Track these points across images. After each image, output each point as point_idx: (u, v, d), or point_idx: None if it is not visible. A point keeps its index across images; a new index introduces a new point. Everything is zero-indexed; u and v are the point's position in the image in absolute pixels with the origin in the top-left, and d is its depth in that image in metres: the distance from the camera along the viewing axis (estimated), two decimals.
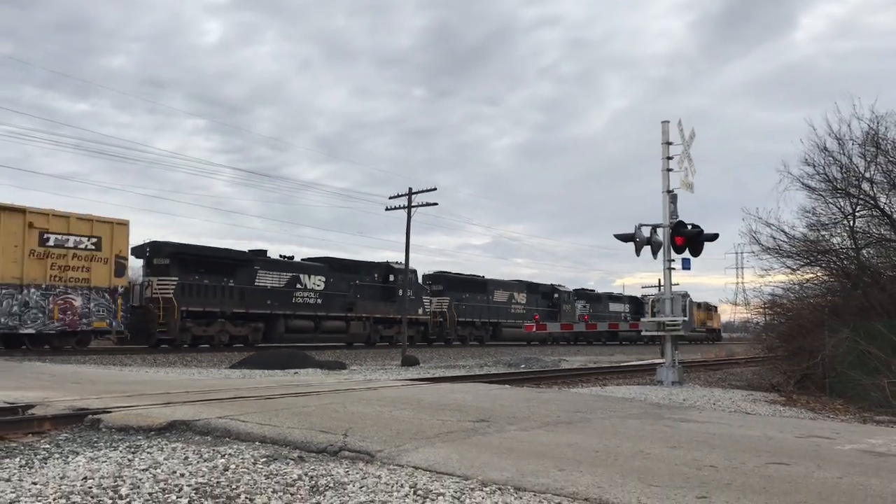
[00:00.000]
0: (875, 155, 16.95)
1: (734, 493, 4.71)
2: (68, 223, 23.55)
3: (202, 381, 12.79)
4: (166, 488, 4.70)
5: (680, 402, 12.41)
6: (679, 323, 16.11)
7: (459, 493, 4.66)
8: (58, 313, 23.19)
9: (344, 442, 6.23)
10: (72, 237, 23.56)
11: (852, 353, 14.25)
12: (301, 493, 4.66)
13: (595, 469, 5.40)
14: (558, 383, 17.93)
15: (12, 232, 21.93)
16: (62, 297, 23.32)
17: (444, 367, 23.82)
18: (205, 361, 23.24)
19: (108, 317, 24.77)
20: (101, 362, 20.73)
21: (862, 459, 6.23)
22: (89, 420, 7.33)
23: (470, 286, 45.03)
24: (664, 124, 16.63)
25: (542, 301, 50.99)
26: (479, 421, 7.78)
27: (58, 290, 23.21)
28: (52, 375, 13.13)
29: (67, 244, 23.40)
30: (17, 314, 22.13)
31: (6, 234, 21.84)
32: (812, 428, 8.52)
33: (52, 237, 23.08)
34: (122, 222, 25.30)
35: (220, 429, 6.91)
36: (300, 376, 15.97)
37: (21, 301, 22.20)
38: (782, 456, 6.21)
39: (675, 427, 7.98)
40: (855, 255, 17.70)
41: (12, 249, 21.95)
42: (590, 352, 44.03)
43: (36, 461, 5.51)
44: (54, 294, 23.12)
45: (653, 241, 16.21)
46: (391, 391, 10.96)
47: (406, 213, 28.16)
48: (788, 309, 19.99)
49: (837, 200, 18.04)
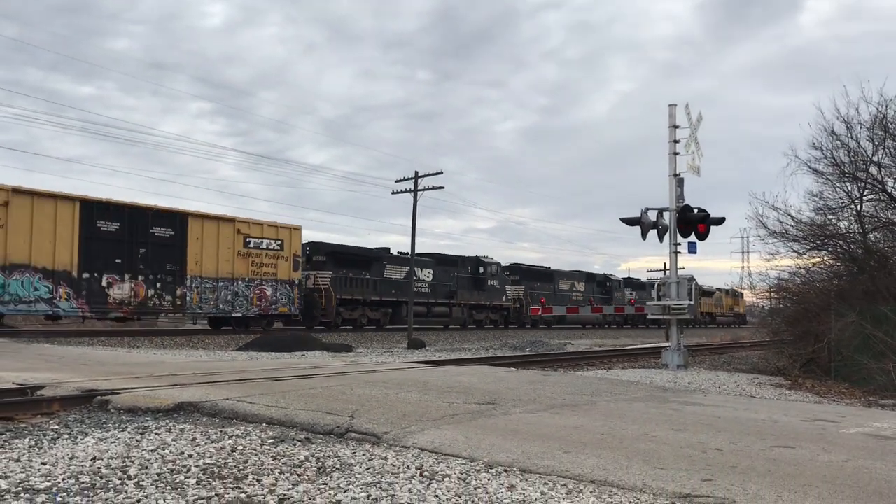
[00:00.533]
0: (883, 139, 16.85)
1: (739, 476, 4.73)
2: (262, 229, 29.28)
3: (209, 363, 12.86)
4: (174, 469, 4.73)
5: (685, 385, 12.44)
6: (685, 307, 16.10)
7: (465, 475, 4.69)
8: (255, 301, 28.94)
9: (350, 424, 6.26)
10: (264, 240, 29.30)
11: (858, 337, 14.25)
12: (308, 474, 4.70)
13: (600, 451, 5.42)
14: (563, 366, 17.97)
15: (227, 237, 27.77)
16: (258, 287, 29.09)
17: (450, 350, 23.90)
18: (212, 344, 23.35)
19: (289, 303, 30.48)
20: (109, 344, 20.85)
21: (867, 443, 6.24)
22: (98, 401, 7.38)
23: (540, 276, 50.60)
24: (671, 108, 16.54)
25: (597, 289, 56.71)
26: (485, 403, 7.81)
27: (256, 283, 28.92)
28: (60, 357, 13.21)
29: (261, 246, 29.18)
30: (230, 301, 28.06)
31: (224, 239, 27.63)
32: (817, 411, 8.53)
33: (252, 241, 28.72)
34: (296, 227, 30.90)
35: (228, 410, 6.96)
36: (307, 358, 16.04)
37: (233, 291, 28.14)
38: (787, 439, 6.23)
39: (681, 410, 8.00)
40: (862, 239, 17.64)
41: (227, 251, 27.82)
42: (595, 335, 44.11)
43: (45, 441, 5.56)
44: (254, 286, 28.82)
45: (659, 224, 16.17)
46: (397, 374, 11.01)
47: (412, 196, 28.16)
48: (794, 293, 19.97)
49: (845, 184, 17.98)
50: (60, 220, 22.74)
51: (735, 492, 4.33)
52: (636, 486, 4.45)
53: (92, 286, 23.73)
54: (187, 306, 26.69)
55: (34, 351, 15.04)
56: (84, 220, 23.01)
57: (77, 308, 23.54)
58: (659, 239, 16.40)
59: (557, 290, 50.93)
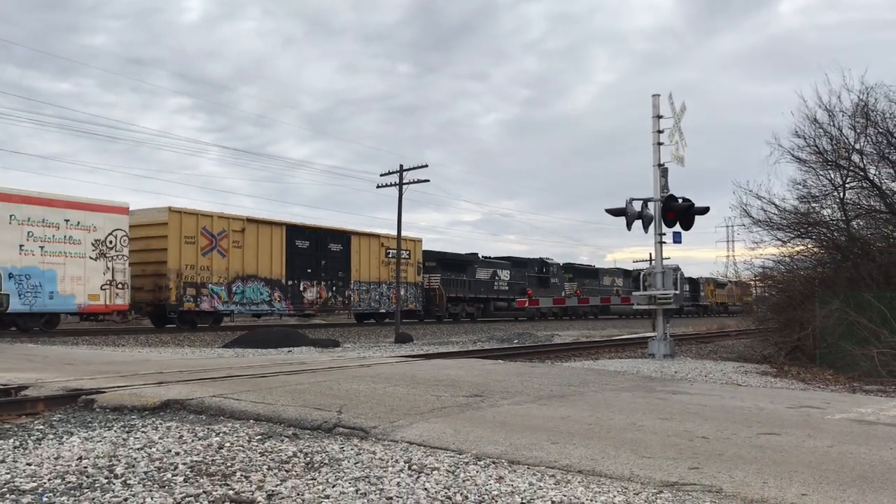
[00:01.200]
0: (865, 126, 16.96)
1: (726, 464, 4.76)
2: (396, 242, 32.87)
3: (195, 361, 12.80)
4: (162, 467, 4.71)
5: (672, 374, 12.50)
6: (670, 296, 16.17)
7: (454, 468, 4.69)
8: (394, 299, 33.46)
9: (338, 419, 6.25)
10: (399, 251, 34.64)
11: (842, 324, 14.36)
12: (296, 469, 4.69)
13: (588, 441, 5.44)
14: (551, 358, 18.02)
15: (374, 250, 35.18)
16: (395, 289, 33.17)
17: (438, 344, 23.91)
18: (197, 341, 23.23)
19: (415, 301, 37.75)
20: (93, 343, 20.71)
21: (852, 428, 6.30)
22: (83, 400, 7.34)
23: (588, 273, 57.84)
24: (654, 98, 16.58)
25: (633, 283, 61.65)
26: (473, 396, 7.82)
27: (392, 285, 34.29)
28: (44, 357, 13.11)
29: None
30: (377, 300, 35.46)
31: (372, 251, 35.06)
32: (803, 398, 8.61)
33: (390, 251, 34.83)
34: (419, 240, 38.23)
35: (215, 407, 6.93)
36: (294, 354, 15.99)
37: (379, 292, 35.42)
38: (773, 426, 6.28)
39: (667, 399, 8.04)
40: (845, 226, 17.77)
41: (375, 260, 35.14)
42: (582, 326, 44.27)
43: (30, 442, 5.51)
44: (392, 287, 34.38)
45: (644, 215, 16.22)
46: (385, 368, 11.00)
47: (398, 190, 28.08)
48: (779, 281, 20.10)
49: (828, 172, 18.08)
50: (274, 240, 29.76)
51: (722, 479, 4.36)
52: (624, 476, 4.47)
53: (294, 290, 30.68)
54: (351, 304, 34.02)
55: (18, 351, 14.91)
56: (288, 240, 29.50)
57: (285, 307, 30.62)
58: (644, 229, 16.46)
59: (601, 285, 58.73)
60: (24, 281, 21.42)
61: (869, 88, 16.72)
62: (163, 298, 25.84)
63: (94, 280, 23.12)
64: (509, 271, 46.79)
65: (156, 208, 26.45)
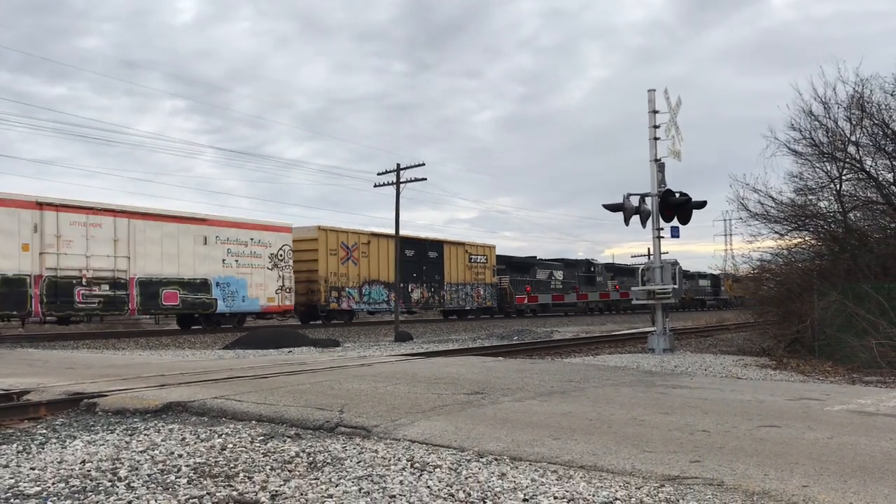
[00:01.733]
0: (860, 118, 16.98)
1: (727, 457, 4.78)
2: (477, 248, 43.04)
3: (196, 363, 12.81)
4: (165, 469, 4.73)
5: (671, 368, 12.53)
6: (669, 291, 16.20)
7: (456, 465, 4.71)
8: (476, 298, 42.43)
9: (340, 418, 6.27)
10: (479, 256, 42.88)
11: (841, 316, 14.38)
12: (299, 469, 4.70)
13: (589, 437, 5.47)
14: (551, 354, 18.03)
15: (461, 256, 41.37)
16: (476, 289, 42.42)
17: (438, 342, 23.92)
18: (198, 343, 23.22)
19: (492, 299, 43.80)
20: (93, 347, 20.71)
21: (851, 419, 6.33)
22: (85, 404, 7.35)
23: (628, 272, 60.48)
24: (650, 93, 16.58)
25: None
26: (474, 393, 7.84)
27: (474, 286, 42.20)
28: (44, 361, 13.12)
29: (477, 260, 42.82)
30: (464, 299, 41.47)
31: (459, 257, 41.27)
32: (802, 390, 8.63)
33: (473, 257, 42.35)
34: (492, 245, 44.80)
35: (216, 409, 6.95)
36: (294, 355, 16.00)
37: (464, 292, 41.45)
38: (773, 418, 6.30)
39: (668, 393, 8.07)
40: (842, 218, 17.79)
41: (462, 265, 41.36)
42: (582, 322, 44.30)
43: (33, 446, 5.53)
44: (473, 288, 42.00)
45: (641, 210, 16.24)
46: (385, 367, 11.02)
47: (395, 189, 28.07)
48: (777, 274, 20.12)
49: (824, 164, 18.09)
50: (389, 250, 34.47)
51: (723, 472, 4.38)
52: (625, 470, 4.50)
53: (405, 292, 35.95)
54: (445, 303, 40.13)
55: (18, 356, 14.92)
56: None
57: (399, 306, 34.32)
58: (642, 224, 16.48)
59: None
60: (225, 288, 27.49)
61: (864, 80, 16.75)
62: (314, 300, 32.10)
63: (270, 286, 29.33)
64: (562, 272, 53.03)
65: (308, 227, 32.65)
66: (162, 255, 25.44)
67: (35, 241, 21.73)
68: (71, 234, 22.55)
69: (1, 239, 21.07)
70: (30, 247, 21.70)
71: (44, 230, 21.83)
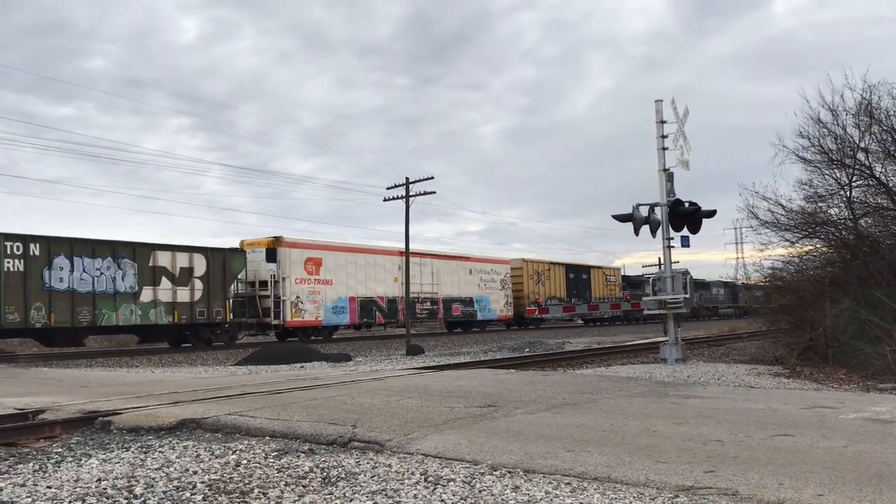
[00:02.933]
0: (869, 125, 16.93)
1: (741, 466, 4.77)
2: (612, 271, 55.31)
3: (209, 379, 12.86)
4: (180, 486, 4.75)
5: (684, 378, 12.48)
6: (680, 300, 16.15)
7: (470, 478, 4.72)
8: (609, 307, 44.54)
9: (353, 433, 6.29)
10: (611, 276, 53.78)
11: (854, 323, 14.30)
12: (313, 484, 4.72)
13: (603, 448, 5.46)
14: (563, 365, 17.99)
15: (601, 277, 52.66)
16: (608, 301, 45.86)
17: (449, 355, 23.91)
18: (210, 359, 23.30)
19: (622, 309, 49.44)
20: (107, 365, 20.81)
21: (866, 427, 6.30)
22: (100, 422, 7.39)
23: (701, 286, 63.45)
24: (657, 103, 16.61)
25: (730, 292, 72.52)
26: (486, 406, 7.84)
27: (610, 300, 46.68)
28: (59, 380, 13.19)
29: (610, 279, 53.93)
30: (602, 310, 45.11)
31: (600, 277, 52.62)
32: (816, 399, 8.59)
33: (610, 278, 53.41)
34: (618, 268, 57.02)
35: (230, 425, 6.98)
36: (306, 370, 16.03)
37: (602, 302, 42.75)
38: (787, 427, 6.28)
39: (681, 404, 8.05)
40: (853, 225, 17.72)
41: (601, 283, 52.23)
42: (593, 333, 44.17)
43: (49, 465, 5.57)
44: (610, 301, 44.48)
45: (651, 220, 16.23)
46: (397, 381, 11.03)
47: (404, 203, 28.16)
48: (789, 282, 20.04)
49: (833, 171, 18.04)
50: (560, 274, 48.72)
51: (737, 482, 4.37)
52: (639, 481, 4.49)
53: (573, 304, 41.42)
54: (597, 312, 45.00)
55: (33, 375, 15.01)
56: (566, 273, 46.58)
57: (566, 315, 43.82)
58: (652, 234, 16.47)
59: (711, 294, 67.99)
60: (480, 303, 42.28)
61: (872, 86, 16.71)
62: (520, 311, 44.47)
63: (500, 301, 43.93)
64: None
65: (516, 258, 46.65)
66: (451, 283, 40.44)
67: (400, 276, 34.32)
68: (413, 270, 32.57)
69: (386, 275, 35.97)
70: (398, 279, 35.32)
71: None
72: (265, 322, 30.80)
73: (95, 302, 23.69)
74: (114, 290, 24.32)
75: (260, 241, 31.58)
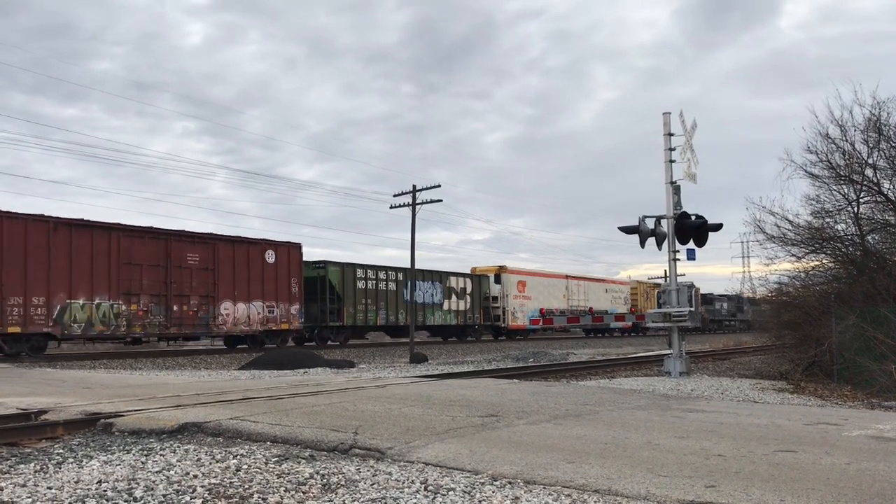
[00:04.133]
0: (878, 141, 16.90)
1: (742, 482, 4.75)
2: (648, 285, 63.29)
3: (212, 383, 12.87)
4: (180, 489, 4.75)
5: (688, 392, 12.44)
6: (685, 314, 16.11)
7: (470, 488, 4.71)
8: None
9: (354, 440, 6.28)
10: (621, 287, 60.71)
11: (859, 340, 14.25)
12: (313, 491, 4.72)
13: (604, 461, 5.44)
14: (566, 376, 17.95)
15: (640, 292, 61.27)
16: None
17: (453, 364, 23.88)
18: (213, 363, 23.33)
19: None
20: (111, 367, 20.84)
21: (870, 445, 6.26)
22: (102, 424, 7.40)
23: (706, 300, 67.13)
24: (665, 116, 16.61)
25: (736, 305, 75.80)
26: (488, 416, 7.83)
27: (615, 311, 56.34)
28: (62, 381, 13.22)
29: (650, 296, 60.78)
30: None
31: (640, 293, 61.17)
32: (820, 415, 8.55)
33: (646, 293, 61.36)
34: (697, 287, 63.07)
35: (231, 430, 6.98)
36: (309, 376, 16.03)
37: None
38: (790, 443, 6.25)
39: (683, 417, 8.02)
40: (860, 241, 17.67)
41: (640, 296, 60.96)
42: (597, 344, 44.08)
43: (50, 466, 5.58)
44: None
45: (657, 232, 16.20)
46: (400, 388, 11.02)
47: (410, 210, 28.19)
48: (795, 297, 19.98)
49: (841, 187, 17.99)
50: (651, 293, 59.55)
51: (739, 497, 4.35)
52: (640, 495, 4.48)
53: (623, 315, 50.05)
54: None
55: (37, 375, 15.04)
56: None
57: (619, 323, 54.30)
58: (658, 246, 16.43)
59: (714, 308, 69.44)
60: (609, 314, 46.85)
61: (881, 103, 16.68)
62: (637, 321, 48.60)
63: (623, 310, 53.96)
64: None
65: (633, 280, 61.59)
66: (595, 299, 53.92)
67: (567, 293, 51.36)
68: (574, 289, 51.84)
69: (557, 293, 50.30)
70: (566, 296, 51.17)
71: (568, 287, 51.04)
72: (496, 325, 45.40)
73: (425, 309, 39.05)
74: (432, 301, 40.00)
75: (490, 269, 46.59)
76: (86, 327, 23.47)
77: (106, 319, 23.94)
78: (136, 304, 24.87)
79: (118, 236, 24.54)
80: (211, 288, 27.15)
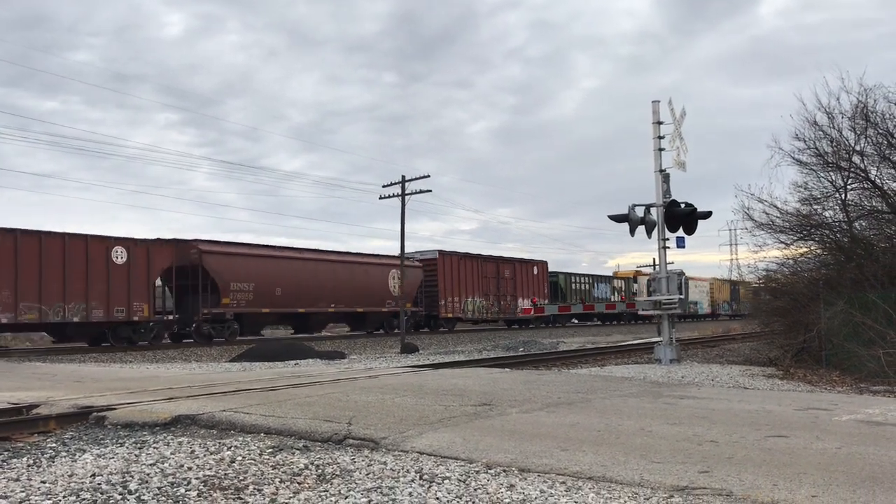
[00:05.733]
0: (865, 128, 16.97)
1: (735, 467, 4.79)
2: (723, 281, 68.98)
3: (203, 376, 12.84)
4: (175, 482, 4.75)
5: (679, 379, 12.51)
6: (675, 301, 16.19)
7: (465, 477, 4.73)
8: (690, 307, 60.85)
9: (348, 430, 6.29)
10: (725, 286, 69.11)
11: (848, 325, 14.34)
12: (308, 481, 4.72)
13: (597, 448, 5.47)
14: (557, 365, 18.01)
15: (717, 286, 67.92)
16: None
17: (444, 354, 23.91)
18: (204, 356, 23.27)
19: None
20: (101, 360, 20.76)
21: (860, 429, 6.32)
22: (94, 418, 7.38)
23: None
24: (654, 104, 16.63)
25: None
26: (481, 405, 7.85)
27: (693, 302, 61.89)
28: (53, 375, 13.16)
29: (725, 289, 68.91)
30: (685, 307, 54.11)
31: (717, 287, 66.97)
32: (810, 400, 8.62)
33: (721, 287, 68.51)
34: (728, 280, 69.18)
35: (225, 421, 6.97)
36: (301, 367, 16.02)
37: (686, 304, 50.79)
38: (781, 429, 6.30)
39: (675, 404, 8.07)
40: (848, 227, 17.77)
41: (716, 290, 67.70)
42: (587, 332, 44.22)
43: (43, 460, 5.56)
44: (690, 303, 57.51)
45: (646, 220, 16.24)
46: (392, 379, 11.03)
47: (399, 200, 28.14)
48: (783, 283, 20.09)
49: (829, 174, 18.07)
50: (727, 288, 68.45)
51: (732, 482, 4.39)
52: (634, 481, 4.50)
53: None
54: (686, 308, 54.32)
55: (27, 370, 14.97)
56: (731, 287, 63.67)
57: None
58: (647, 235, 16.48)
59: None
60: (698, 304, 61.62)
61: (868, 90, 16.74)
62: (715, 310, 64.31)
63: (705, 303, 63.57)
64: None
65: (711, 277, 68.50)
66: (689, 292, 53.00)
67: None
68: None
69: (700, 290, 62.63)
70: None
71: None
72: None
73: None
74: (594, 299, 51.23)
75: (629, 272, 60.33)
76: None
77: None
78: None
79: None
80: None
